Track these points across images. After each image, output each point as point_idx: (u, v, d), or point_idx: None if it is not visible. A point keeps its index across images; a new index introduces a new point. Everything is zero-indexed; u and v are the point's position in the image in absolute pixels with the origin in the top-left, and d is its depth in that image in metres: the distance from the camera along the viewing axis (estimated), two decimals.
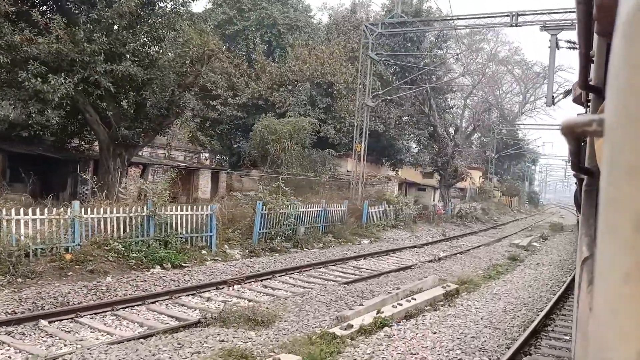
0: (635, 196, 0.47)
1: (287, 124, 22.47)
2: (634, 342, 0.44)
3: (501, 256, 17.26)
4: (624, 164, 0.49)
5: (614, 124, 0.53)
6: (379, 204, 21.41)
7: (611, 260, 0.50)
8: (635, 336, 0.44)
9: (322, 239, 15.98)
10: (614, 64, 0.54)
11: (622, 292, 0.47)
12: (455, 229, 27.32)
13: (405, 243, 19.32)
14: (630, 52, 0.49)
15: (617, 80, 0.52)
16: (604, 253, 0.54)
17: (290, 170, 21.98)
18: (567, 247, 21.59)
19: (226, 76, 30.68)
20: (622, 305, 0.47)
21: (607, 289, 0.51)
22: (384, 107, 30.99)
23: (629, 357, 0.45)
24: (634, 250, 0.46)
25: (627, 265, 0.46)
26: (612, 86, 0.55)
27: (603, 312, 0.52)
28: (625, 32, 0.50)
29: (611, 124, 0.55)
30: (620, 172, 0.50)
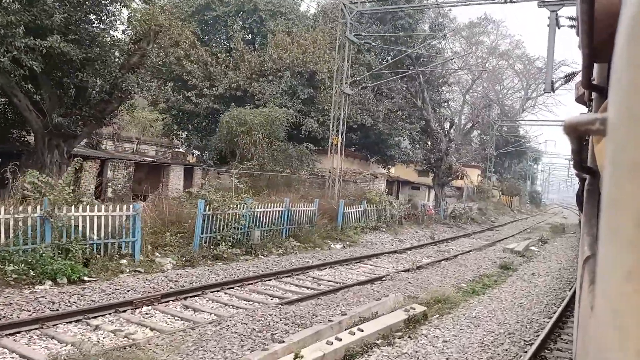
0: (637, 195, 0.46)
1: (259, 115, 20.35)
2: (635, 341, 0.44)
3: (492, 264, 15.10)
4: (627, 163, 0.48)
5: (617, 123, 0.53)
6: (359, 204, 19.26)
7: (613, 259, 0.50)
8: (636, 335, 0.44)
9: (283, 243, 13.83)
10: (617, 63, 0.54)
11: (624, 291, 0.46)
12: (446, 230, 25.15)
13: (384, 248, 17.17)
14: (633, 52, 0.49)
15: (620, 79, 0.52)
16: (605, 252, 0.54)
17: (263, 166, 19.86)
18: (568, 253, 19.40)
19: (202, 65, 28.59)
20: (624, 304, 0.46)
21: (609, 288, 0.51)
22: (372, 99, 28.82)
23: (630, 356, 0.44)
24: (636, 249, 0.46)
25: (629, 264, 0.46)
26: (615, 86, 0.55)
27: (604, 312, 0.51)
28: (628, 32, 0.50)
29: (614, 123, 0.54)
30: (623, 172, 0.49)
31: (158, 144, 27.93)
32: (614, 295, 0.49)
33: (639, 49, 0.48)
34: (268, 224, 13.94)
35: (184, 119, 29.88)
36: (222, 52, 30.16)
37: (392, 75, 31.75)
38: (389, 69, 32.00)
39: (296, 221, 15.13)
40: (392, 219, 21.41)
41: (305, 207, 15.65)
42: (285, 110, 21.60)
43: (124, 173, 22.56)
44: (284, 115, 20.81)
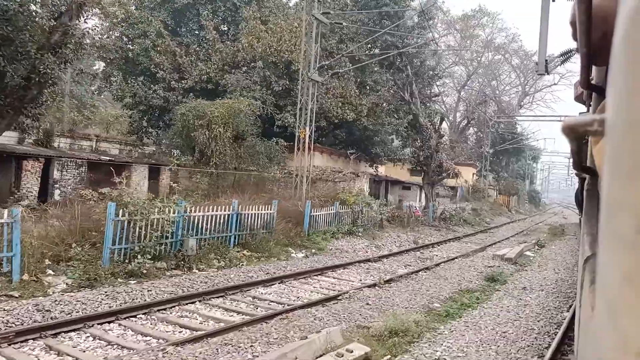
0: (636, 197, 0.46)
1: (220, 107, 18.18)
2: (635, 343, 0.44)
3: (477, 275, 12.93)
4: (626, 164, 0.48)
5: (615, 124, 0.52)
6: (331, 205, 17.08)
7: (612, 261, 0.50)
8: (635, 338, 0.44)
9: (227, 254, 11.62)
10: (614, 64, 0.54)
11: (623, 294, 0.46)
12: (434, 234, 22.97)
13: (356, 256, 15.00)
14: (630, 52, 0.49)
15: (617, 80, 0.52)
16: (605, 254, 0.53)
17: (225, 164, 17.70)
18: (567, 259, 17.22)
19: (170, 56, 26.46)
20: (623, 306, 0.46)
21: (608, 290, 0.51)
22: (355, 92, 26.65)
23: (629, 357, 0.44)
24: (635, 251, 0.45)
25: (628, 267, 0.46)
26: (612, 87, 0.55)
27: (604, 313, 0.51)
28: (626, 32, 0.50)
29: (612, 124, 0.54)
30: (622, 173, 0.49)
31: (122, 142, 25.76)
32: (613, 297, 0.49)
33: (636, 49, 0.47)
34: (211, 230, 11.76)
35: (154, 115, 27.72)
36: (194, 43, 28.05)
37: (378, 67, 29.62)
38: (373, 60, 29.85)
39: (248, 227, 12.95)
40: (371, 222, 19.24)
41: (260, 211, 13.46)
42: (251, 101, 19.41)
43: (75, 173, 20.41)
44: (249, 107, 18.62)
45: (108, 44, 27.51)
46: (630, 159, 0.47)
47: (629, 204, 0.47)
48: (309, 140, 17.79)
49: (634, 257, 0.46)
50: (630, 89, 0.48)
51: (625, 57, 0.50)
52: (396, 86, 29.41)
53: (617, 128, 0.51)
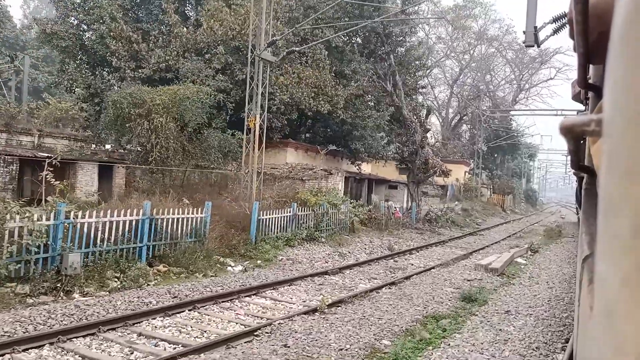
0: (634, 198, 0.46)
1: (163, 93, 15.72)
2: (633, 346, 0.44)
3: (452, 292, 10.51)
4: (623, 165, 0.48)
5: (613, 124, 0.52)
6: (288, 207, 14.61)
7: (610, 263, 0.49)
8: (634, 340, 0.44)
9: (129, 271, 9.11)
10: (612, 63, 0.54)
11: (621, 296, 0.46)
12: (415, 238, 20.54)
13: (312, 267, 12.55)
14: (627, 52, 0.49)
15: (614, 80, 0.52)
16: (602, 256, 0.53)
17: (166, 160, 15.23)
18: (563, 268, 14.80)
19: (126, 43, 23.97)
20: (621, 308, 0.46)
21: (606, 292, 0.50)
22: (330, 82, 24.20)
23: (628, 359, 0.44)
24: (633, 253, 0.45)
25: (625, 269, 0.46)
26: (609, 86, 0.55)
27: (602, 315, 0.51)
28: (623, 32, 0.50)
29: (609, 125, 0.54)
30: (619, 173, 0.49)
31: (72, 138, 23.24)
32: (611, 300, 0.48)
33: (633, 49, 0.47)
34: (113, 241, 9.30)
35: None
36: (155, 29, 25.57)
37: (358, 56, 27.18)
38: (354, 49, 27.41)
39: (169, 235, 10.46)
40: (340, 225, 16.81)
41: (185, 214, 10.97)
42: (201, 88, 16.93)
43: (2, 172, 17.93)
44: (199, 94, 16.14)
45: (60, 31, 25.06)
46: (628, 158, 0.46)
47: (627, 204, 0.46)
48: (258, 129, 15.27)
49: (632, 260, 0.45)
50: (628, 88, 0.47)
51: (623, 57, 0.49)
52: (377, 76, 26.95)
53: (615, 127, 0.50)
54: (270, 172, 20.44)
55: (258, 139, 15.33)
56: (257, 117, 14.92)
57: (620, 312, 0.46)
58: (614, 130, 0.51)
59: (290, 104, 23.49)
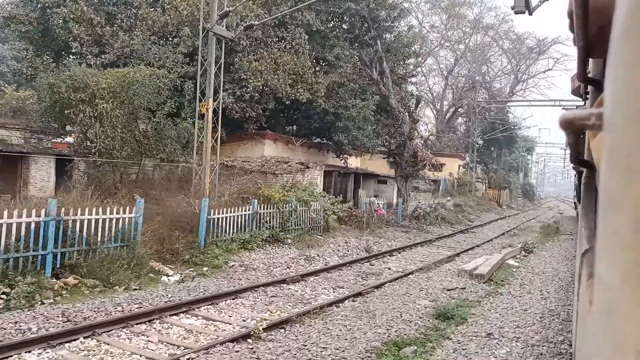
0: (634, 193, 0.46)
1: (111, 76, 13.95)
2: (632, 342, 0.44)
3: (427, 305, 8.81)
4: (623, 161, 0.48)
5: (614, 118, 0.52)
6: (248, 205, 12.86)
7: (610, 259, 0.50)
8: (634, 336, 0.44)
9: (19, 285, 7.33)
10: (612, 60, 0.54)
11: (621, 292, 0.46)
12: (399, 237, 18.83)
13: (269, 275, 10.83)
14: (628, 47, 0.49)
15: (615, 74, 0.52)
16: (602, 252, 0.53)
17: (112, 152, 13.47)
18: (560, 271, 13.11)
19: (89, 26, 22.14)
20: (621, 305, 0.46)
21: (606, 288, 0.50)
22: (310, 68, 22.42)
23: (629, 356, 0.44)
24: (633, 249, 0.45)
25: (625, 265, 0.46)
26: (610, 81, 0.55)
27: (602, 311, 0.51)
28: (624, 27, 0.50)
29: (611, 118, 0.54)
30: (619, 169, 0.49)
31: (28, 130, 21.43)
32: (611, 296, 0.48)
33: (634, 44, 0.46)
34: (4, 249, 7.55)
35: None
36: (122, 12, 23.74)
37: (342, 41, 25.39)
38: (335, 32, 25.62)
39: (84, 240, 8.72)
40: (312, 224, 15.10)
41: (108, 215, 9.22)
42: (154, 70, 15.15)
43: None
44: (153, 77, 14.36)
45: (20, 15, 23.25)
46: (628, 155, 0.46)
47: (628, 201, 0.46)
48: (210, 115, 13.49)
49: (632, 256, 0.44)
50: (629, 83, 0.47)
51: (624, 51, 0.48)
52: (362, 63, 25.14)
53: (616, 122, 0.50)
54: (242, 165, 18.71)
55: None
56: (209, 101, 13.12)
57: (620, 309, 0.45)
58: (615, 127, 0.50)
59: (267, 92, 21.74)
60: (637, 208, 0.45)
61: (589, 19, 1.19)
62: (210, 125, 13.15)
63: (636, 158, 0.45)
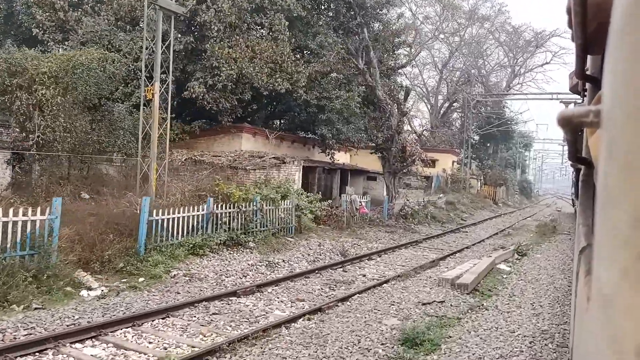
0: (633, 190, 0.46)
1: (55, 59, 12.42)
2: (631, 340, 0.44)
3: (395, 325, 7.33)
4: (622, 158, 0.48)
5: (612, 115, 0.52)
6: (202, 204, 11.34)
7: (609, 255, 0.50)
8: (632, 333, 0.44)
9: None
10: (611, 54, 0.54)
11: (619, 289, 0.46)
12: (381, 238, 17.34)
13: (217, 286, 9.33)
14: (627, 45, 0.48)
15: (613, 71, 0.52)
16: (601, 248, 0.53)
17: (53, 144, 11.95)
18: (556, 280, 11.64)
19: (51, 11, 20.58)
20: (619, 301, 0.46)
21: (604, 286, 0.50)
22: (290, 56, 20.88)
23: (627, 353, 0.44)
24: (632, 245, 0.45)
25: (624, 261, 0.46)
26: (608, 77, 0.55)
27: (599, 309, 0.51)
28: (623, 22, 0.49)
29: (608, 116, 0.54)
30: (618, 165, 0.49)
31: None
32: (609, 293, 0.48)
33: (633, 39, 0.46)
34: None
35: None
36: None
37: (325, 28, 23.85)
38: (318, 19, 24.10)
39: None
40: (282, 224, 13.61)
41: (12, 217, 7.68)
42: (104, 53, 13.60)
43: None
44: (102, 61, 12.82)
45: None
46: (627, 152, 0.46)
47: (626, 197, 0.46)
48: (156, 101, 11.93)
49: (631, 251, 0.44)
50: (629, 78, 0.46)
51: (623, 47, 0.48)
52: (347, 51, 23.58)
53: (615, 118, 0.50)
54: (211, 160, 17.20)
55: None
56: (156, 85, 11.58)
57: (619, 306, 0.45)
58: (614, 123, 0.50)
59: (243, 81, 20.22)
60: (636, 205, 0.44)
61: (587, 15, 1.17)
62: (157, 113, 11.60)
63: (635, 155, 0.44)
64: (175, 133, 19.94)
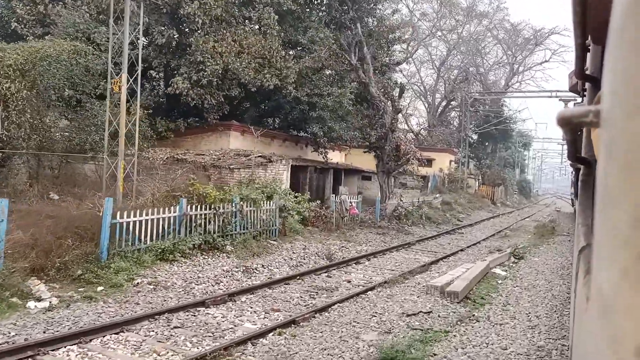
0: (633, 190, 0.45)
1: (22, 51, 11.66)
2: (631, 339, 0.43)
3: (373, 341, 6.58)
4: (622, 157, 0.48)
5: (612, 116, 0.52)
6: (175, 205, 10.59)
7: (608, 255, 0.49)
8: (631, 332, 0.44)
9: None
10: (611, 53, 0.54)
11: (620, 288, 0.46)
12: (373, 240, 16.59)
13: (185, 295, 8.58)
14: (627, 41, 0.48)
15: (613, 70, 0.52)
16: (601, 248, 0.53)
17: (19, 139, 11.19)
18: (554, 284, 10.89)
19: (32, 5, 19.82)
20: (620, 301, 0.46)
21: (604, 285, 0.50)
22: (279, 51, 20.13)
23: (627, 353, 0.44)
24: (632, 245, 0.45)
25: (624, 261, 0.45)
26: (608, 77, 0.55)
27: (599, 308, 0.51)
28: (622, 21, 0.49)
29: (609, 114, 0.54)
30: (618, 165, 0.49)
31: None
32: (609, 293, 0.48)
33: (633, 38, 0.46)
34: None
35: None
36: None
37: (317, 22, 23.11)
38: (309, 13, 23.36)
39: None
40: (264, 227, 12.86)
41: None
42: (76, 45, 12.84)
43: None
44: (73, 53, 12.06)
45: None
46: (627, 151, 0.46)
47: (627, 196, 0.45)
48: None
49: (631, 251, 0.44)
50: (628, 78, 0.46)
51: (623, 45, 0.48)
52: (339, 46, 22.82)
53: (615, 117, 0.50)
54: (194, 159, 16.44)
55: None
56: (123, 76, 10.80)
57: (619, 305, 0.45)
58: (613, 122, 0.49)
59: (229, 77, 19.47)
60: (636, 204, 0.44)
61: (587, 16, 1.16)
62: (124, 108, 10.84)
63: (635, 154, 0.44)
64: (159, 131, 19.23)
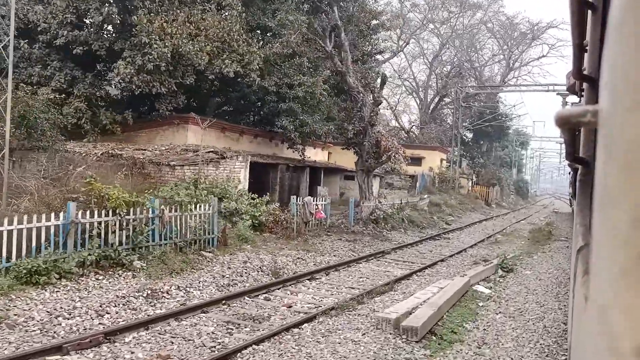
0: (632, 190, 0.45)
1: None
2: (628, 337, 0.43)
3: None
4: (621, 156, 0.47)
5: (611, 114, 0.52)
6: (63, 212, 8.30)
7: (607, 254, 0.49)
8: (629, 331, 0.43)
9: None
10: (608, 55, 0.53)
11: (619, 287, 0.46)
12: (339, 249, 14.30)
13: (45, 337, 6.29)
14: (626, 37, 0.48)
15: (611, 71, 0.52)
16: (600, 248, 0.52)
17: None
18: (548, 309, 8.61)
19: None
20: (619, 300, 0.46)
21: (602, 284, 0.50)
22: (241, 34, 17.85)
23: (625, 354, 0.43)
24: (632, 245, 0.44)
25: (623, 260, 0.45)
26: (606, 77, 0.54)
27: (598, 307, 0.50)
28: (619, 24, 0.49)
29: (607, 114, 0.53)
30: (618, 165, 0.48)
31: None
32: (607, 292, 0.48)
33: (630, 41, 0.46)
34: None
35: None
36: None
37: (287, 4, 20.80)
38: None
39: None
40: (194, 236, 10.56)
41: None
42: None
43: None
44: None
45: None
46: (627, 150, 0.45)
47: (627, 195, 0.45)
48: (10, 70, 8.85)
49: (630, 251, 0.44)
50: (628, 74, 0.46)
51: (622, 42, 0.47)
52: (313, 31, 20.54)
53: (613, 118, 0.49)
54: (132, 154, 14.16)
55: None
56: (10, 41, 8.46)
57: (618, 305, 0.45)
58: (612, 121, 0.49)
59: (182, 62, 17.18)
60: (636, 205, 0.43)
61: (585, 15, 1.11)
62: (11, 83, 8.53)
63: (635, 154, 0.43)
64: (103, 124, 16.97)
